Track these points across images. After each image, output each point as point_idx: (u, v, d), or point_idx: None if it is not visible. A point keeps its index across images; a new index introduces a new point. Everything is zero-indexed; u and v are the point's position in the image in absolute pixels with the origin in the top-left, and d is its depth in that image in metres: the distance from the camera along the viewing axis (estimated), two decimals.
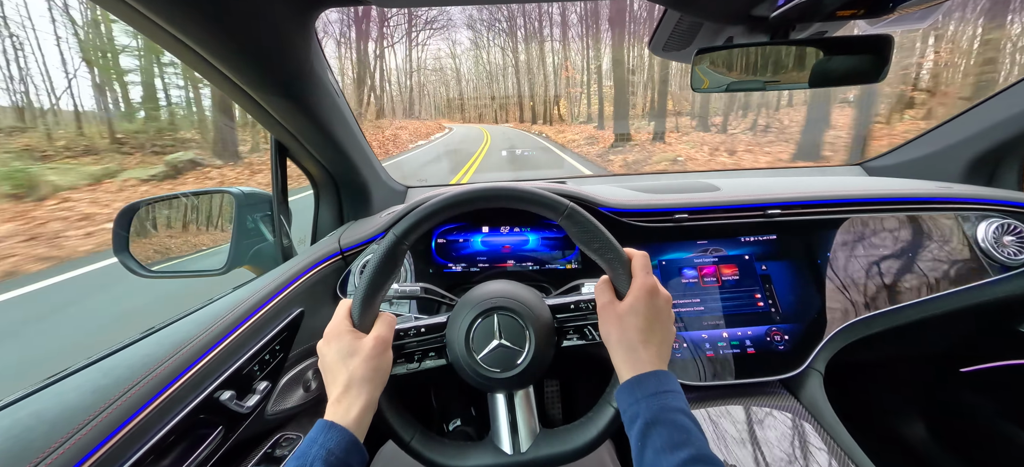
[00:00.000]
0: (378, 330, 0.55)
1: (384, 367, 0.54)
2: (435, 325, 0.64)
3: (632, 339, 0.52)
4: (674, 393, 0.48)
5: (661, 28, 0.72)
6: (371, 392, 0.51)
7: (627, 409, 0.49)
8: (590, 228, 0.57)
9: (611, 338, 0.54)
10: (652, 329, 0.52)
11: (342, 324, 0.56)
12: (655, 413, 0.46)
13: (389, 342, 0.56)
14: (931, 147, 1.37)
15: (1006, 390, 1.15)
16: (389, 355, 0.55)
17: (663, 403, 0.46)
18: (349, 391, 0.51)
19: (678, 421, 0.45)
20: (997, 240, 0.98)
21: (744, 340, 0.92)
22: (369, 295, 0.56)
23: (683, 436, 0.44)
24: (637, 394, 0.48)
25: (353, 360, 0.52)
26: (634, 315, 0.52)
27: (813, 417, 0.82)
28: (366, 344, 0.53)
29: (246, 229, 1.02)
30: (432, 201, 0.58)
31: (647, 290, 0.53)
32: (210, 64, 0.68)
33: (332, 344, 0.55)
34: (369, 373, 0.52)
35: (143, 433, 0.54)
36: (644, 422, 0.46)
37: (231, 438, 0.68)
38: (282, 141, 1.01)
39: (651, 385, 0.48)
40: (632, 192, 1.07)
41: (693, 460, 0.42)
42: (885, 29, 0.68)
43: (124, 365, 0.58)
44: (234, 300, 0.74)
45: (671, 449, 0.43)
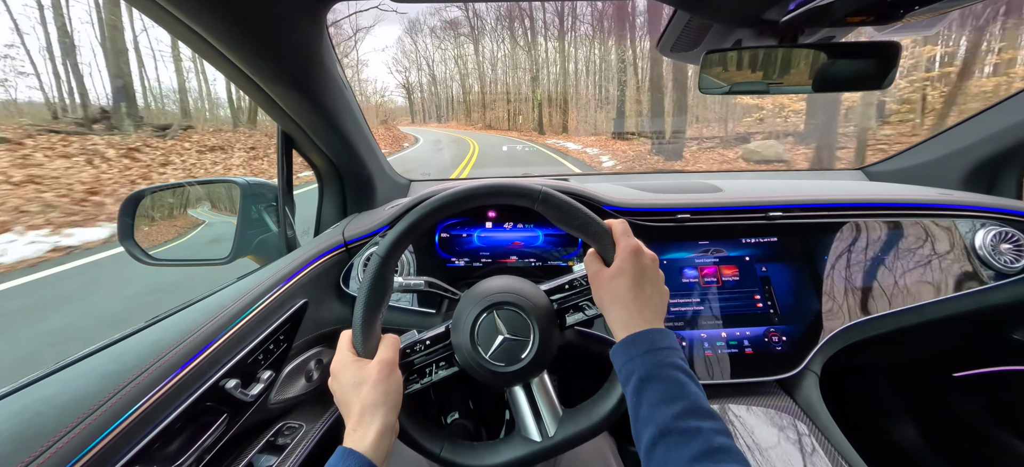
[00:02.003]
0: (382, 353, 0.56)
1: (394, 388, 0.54)
2: (439, 335, 0.65)
3: (624, 300, 0.53)
4: (668, 349, 0.49)
5: (670, 29, 0.72)
6: (385, 416, 0.51)
7: (622, 367, 0.50)
8: (566, 207, 0.58)
9: (604, 302, 0.56)
10: (641, 288, 0.54)
11: (346, 356, 0.56)
12: (649, 369, 0.47)
13: (395, 363, 0.56)
14: (932, 154, 1.37)
15: (997, 395, 1.17)
16: (397, 376, 0.55)
17: (657, 359, 0.48)
18: (363, 419, 0.51)
19: (672, 376, 0.46)
20: (994, 247, 0.99)
21: (742, 340, 0.93)
22: (367, 321, 0.57)
23: (677, 390, 0.45)
24: (632, 352, 0.50)
25: (362, 388, 0.52)
26: (622, 277, 0.54)
27: (808, 418, 0.83)
28: (371, 370, 0.54)
29: (251, 219, 1.02)
30: (409, 214, 0.58)
31: (631, 251, 0.55)
32: (220, 53, 0.68)
33: (340, 377, 0.55)
34: (379, 398, 0.52)
35: (150, 419, 0.54)
36: (639, 378, 0.47)
37: (235, 425, 0.69)
38: (289, 132, 1.01)
39: (644, 343, 0.50)
40: (635, 191, 1.08)
41: (687, 412, 0.43)
42: (892, 36, 0.69)
43: (132, 352, 0.58)
44: (239, 290, 0.75)
45: (666, 403, 0.44)
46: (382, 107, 58.08)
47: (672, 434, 0.42)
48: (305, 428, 0.85)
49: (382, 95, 57.62)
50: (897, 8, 0.56)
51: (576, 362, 1.06)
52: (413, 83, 55.82)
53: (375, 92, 57.71)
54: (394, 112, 58.19)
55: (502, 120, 36.91)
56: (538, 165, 13.58)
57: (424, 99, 55.87)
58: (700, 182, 1.20)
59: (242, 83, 0.78)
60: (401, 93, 59.53)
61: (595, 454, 0.80)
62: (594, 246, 0.59)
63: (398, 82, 58.68)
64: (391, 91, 59.82)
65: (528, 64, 38.18)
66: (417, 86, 55.68)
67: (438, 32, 47.18)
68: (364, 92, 51.87)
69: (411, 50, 53.63)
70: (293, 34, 0.70)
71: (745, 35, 0.70)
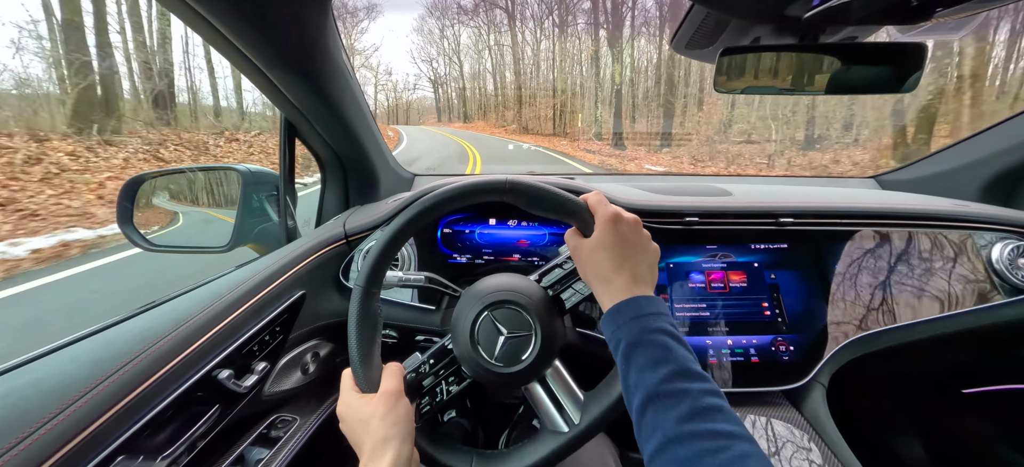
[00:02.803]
0: (385, 385, 0.54)
1: (403, 417, 0.52)
2: (441, 351, 0.63)
3: (605, 271, 0.53)
4: (653, 315, 0.48)
5: (686, 24, 0.70)
6: (396, 448, 0.50)
7: (610, 337, 0.50)
8: (534, 192, 0.57)
9: (587, 275, 0.56)
10: (623, 255, 0.53)
11: (349, 396, 0.55)
12: (635, 336, 0.47)
13: (400, 392, 0.54)
14: (948, 164, 1.34)
15: (1007, 414, 1.14)
16: (404, 404, 0.54)
17: (642, 326, 0.47)
18: (374, 455, 0.50)
19: (658, 340, 0.46)
20: (1012, 262, 0.97)
21: (749, 348, 0.90)
22: (363, 355, 0.56)
23: (663, 354, 0.45)
24: (618, 321, 0.49)
25: (370, 424, 0.51)
26: (602, 248, 0.54)
27: (815, 431, 0.81)
28: (377, 404, 0.52)
29: (251, 208, 1.01)
30: (381, 238, 0.57)
31: (609, 220, 0.54)
32: (223, 37, 0.67)
33: (347, 418, 0.54)
34: (388, 430, 0.50)
35: (140, 407, 0.53)
36: (626, 345, 0.47)
37: (227, 416, 0.68)
38: (292, 120, 0.99)
39: (630, 310, 0.49)
40: (642, 192, 1.06)
41: (674, 375, 0.43)
42: (917, 38, 0.66)
43: (122, 339, 0.57)
44: (236, 279, 0.73)
45: (652, 367, 0.44)
46: (410, 106, 54.88)
47: (660, 398, 0.42)
48: (299, 422, 0.84)
49: (411, 90, 54.53)
50: (926, 7, 0.54)
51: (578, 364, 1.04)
52: (442, 76, 51.08)
53: (402, 86, 54.61)
54: (423, 110, 55.08)
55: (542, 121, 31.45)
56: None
57: (448, 96, 51.37)
58: (709, 185, 1.17)
59: (245, 68, 0.76)
60: (426, 87, 56.44)
61: (596, 460, 0.78)
62: (573, 223, 0.58)
63: (422, 75, 54.90)
64: (418, 86, 56.83)
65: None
66: (445, 79, 50.75)
67: (464, 17, 43.41)
68: (393, 87, 49.63)
69: (435, 37, 49.25)
70: (298, 19, 0.69)
71: (764, 32, 0.67)
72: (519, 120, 33.37)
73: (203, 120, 12.91)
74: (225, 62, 0.75)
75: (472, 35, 42.90)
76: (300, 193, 1.09)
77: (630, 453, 0.91)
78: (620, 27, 27.15)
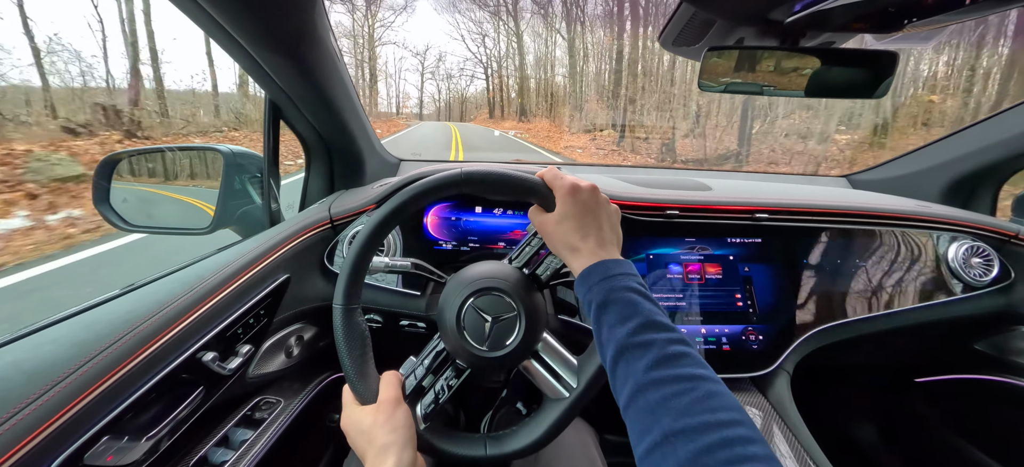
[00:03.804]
0: (383, 393, 0.55)
1: (403, 424, 0.53)
2: (433, 350, 0.64)
3: (571, 240, 0.55)
4: (621, 275, 0.51)
5: (674, 22, 0.72)
6: (396, 453, 0.51)
7: (583, 300, 0.53)
8: (490, 179, 0.58)
9: (556, 247, 0.58)
10: (586, 223, 0.55)
11: (351, 410, 0.56)
12: (604, 296, 0.49)
13: (398, 399, 0.55)
14: (914, 166, 1.41)
15: (954, 401, 1.22)
16: (403, 409, 0.55)
17: (610, 286, 0.50)
18: (376, 462, 0.50)
19: (626, 297, 0.48)
20: (965, 261, 1.03)
21: (721, 337, 0.95)
22: (357, 370, 0.56)
23: (631, 310, 0.47)
24: (588, 283, 0.52)
25: (371, 432, 0.52)
26: (565, 219, 0.56)
27: (778, 415, 0.86)
28: (376, 413, 0.53)
29: (233, 189, 0.99)
30: (352, 251, 0.58)
31: (568, 191, 0.56)
32: (209, 14, 0.65)
33: (351, 432, 0.55)
34: (388, 437, 0.51)
35: (123, 389, 0.53)
36: (596, 306, 0.49)
37: (211, 398, 0.68)
38: (277, 102, 0.97)
39: (598, 273, 0.51)
40: (626, 184, 1.08)
41: (640, 327, 0.45)
42: (890, 46, 0.69)
43: (105, 320, 0.56)
44: (220, 261, 0.73)
45: (621, 322, 0.46)
46: (466, 100, 47.75)
47: (628, 349, 0.44)
48: (283, 403, 0.84)
49: (461, 76, 47.67)
50: (899, 17, 0.56)
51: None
52: (497, 55, 42.79)
53: (456, 73, 47.73)
54: (481, 105, 47.71)
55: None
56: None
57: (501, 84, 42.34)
58: (689, 179, 1.21)
59: (229, 46, 0.74)
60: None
61: (577, 443, 0.81)
62: (534, 201, 0.60)
63: (473, 58, 47.46)
64: (466, 71, 50.27)
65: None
66: (499, 60, 42.36)
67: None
68: (446, 75, 42.78)
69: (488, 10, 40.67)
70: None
71: (748, 34, 0.70)
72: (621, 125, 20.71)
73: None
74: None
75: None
76: (283, 181, 1.07)
77: (608, 436, 0.95)
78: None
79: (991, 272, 1.02)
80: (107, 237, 4.94)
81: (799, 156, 12.56)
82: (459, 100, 53.98)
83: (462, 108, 52.77)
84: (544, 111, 34.80)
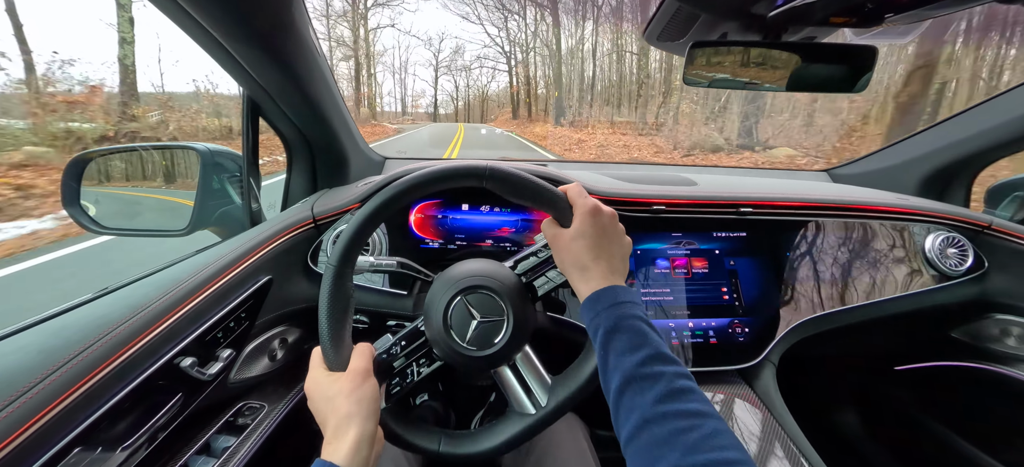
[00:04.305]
0: (353, 363, 0.55)
1: (368, 396, 0.53)
2: (413, 333, 0.63)
3: (583, 260, 0.55)
4: (629, 303, 0.51)
5: (659, 16, 0.72)
6: (359, 425, 0.50)
7: (589, 324, 0.52)
8: (514, 180, 0.57)
9: (565, 264, 0.57)
10: (600, 246, 0.55)
11: (318, 372, 0.55)
12: (614, 322, 0.49)
13: (368, 372, 0.55)
14: (892, 160, 1.44)
15: (930, 388, 1.26)
16: (372, 384, 0.54)
17: (620, 313, 0.50)
18: (337, 431, 0.50)
19: (635, 326, 0.48)
20: (941, 251, 1.06)
21: (708, 330, 0.96)
22: (333, 333, 0.55)
23: (640, 339, 0.47)
24: (597, 308, 0.51)
25: (335, 401, 0.51)
26: (581, 237, 0.55)
27: (765, 405, 0.88)
28: (344, 381, 0.53)
29: (212, 189, 0.96)
30: (357, 215, 0.56)
31: (589, 211, 0.56)
32: (177, 5, 0.62)
33: (314, 395, 0.54)
34: (353, 407, 0.51)
35: (95, 398, 0.51)
36: (605, 331, 0.49)
37: (191, 405, 0.66)
38: (255, 98, 0.94)
39: (608, 298, 0.51)
40: (612, 180, 1.08)
41: (651, 358, 0.45)
42: (870, 41, 0.71)
43: (75, 326, 0.54)
44: (197, 263, 0.71)
45: (631, 351, 0.46)
46: (487, 98, 40.61)
47: (636, 380, 0.44)
48: (267, 408, 0.82)
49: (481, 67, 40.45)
50: (879, 12, 0.57)
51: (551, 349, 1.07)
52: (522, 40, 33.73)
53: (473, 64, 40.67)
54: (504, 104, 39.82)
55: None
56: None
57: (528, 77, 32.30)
58: (675, 175, 1.22)
59: (203, 40, 0.72)
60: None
61: (569, 438, 0.81)
62: (551, 213, 0.59)
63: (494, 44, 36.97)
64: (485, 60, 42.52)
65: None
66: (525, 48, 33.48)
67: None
68: (465, 70, 35.79)
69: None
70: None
71: (731, 29, 0.70)
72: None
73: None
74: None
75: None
76: (265, 182, 1.05)
77: (599, 431, 0.96)
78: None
79: (966, 262, 1.05)
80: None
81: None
82: (480, 98, 46.94)
83: (483, 107, 45.76)
84: (593, 111, 25.09)
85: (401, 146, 18.50)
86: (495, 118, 39.81)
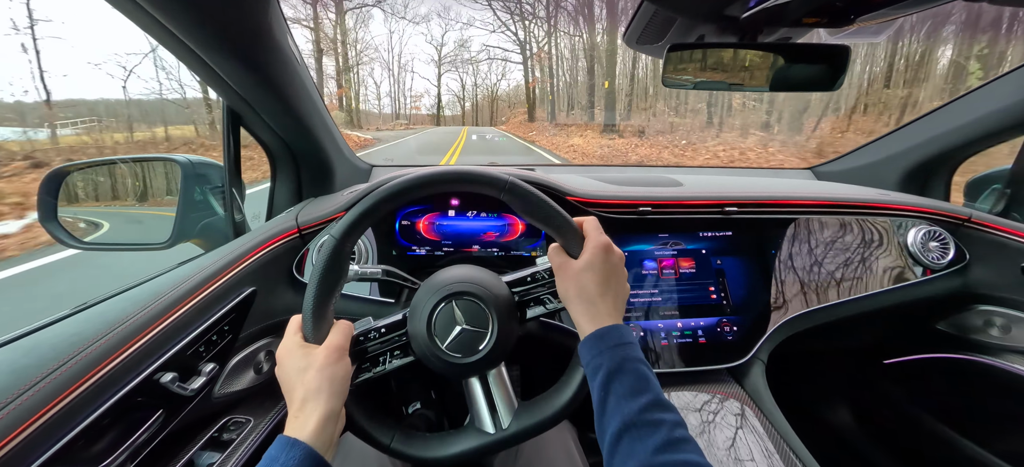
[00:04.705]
0: (332, 339, 0.54)
1: (341, 375, 0.52)
2: (395, 323, 0.63)
3: (591, 294, 0.54)
4: (632, 345, 0.51)
5: (637, 20, 0.73)
6: (328, 402, 0.49)
7: (590, 361, 0.51)
8: (532, 199, 0.57)
9: (570, 295, 0.56)
10: (608, 284, 0.55)
11: (293, 341, 0.54)
12: (617, 363, 0.49)
13: (344, 350, 0.54)
14: (874, 156, 1.47)
15: (918, 381, 1.28)
16: (345, 363, 0.54)
17: (624, 354, 0.49)
18: (305, 405, 0.49)
19: (639, 370, 0.48)
20: (924, 245, 1.08)
21: (697, 330, 0.96)
22: (318, 306, 0.54)
23: (642, 384, 0.47)
24: (600, 346, 0.51)
25: (306, 373, 0.51)
26: (591, 271, 0.55)
27: (754, 403, 0.88)
28: (318, 355, 0.52)
29: (194, 201, 0.95)
30: (371, 195, 0.56)
31: (602, 247, 0.56)
32: (154, 18, 0.62)
33: (285, 362, 0.53)
34: (324, 383, 0.50)
35: (70, 418, 0.50)
36: (607, 372, 0.48)
37: (173, 421, 0.64)
38: (235, 108, 0.93)
39: (613, 337, 0.51)
40: (599, 183, 1.09)
41: (652, 405, 0.45)
42: (844, 40, 0.72)
43: (48, 344, 0.53)
44: (178, 276, 0.70)
45: (633, 395, 0.46)
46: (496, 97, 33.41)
47: (637, 426, 0.44)
48: (252, 423, 0.81)
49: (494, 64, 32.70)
50: (848, 12, 0.58)
51: (539, 352, 1.06)
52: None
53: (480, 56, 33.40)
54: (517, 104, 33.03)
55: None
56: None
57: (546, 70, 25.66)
58: (662, 176, 1.22)
59: (179, 52, 0.71)
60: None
61: (557, 441, 0.81)
62: (558, 239, 0.59)
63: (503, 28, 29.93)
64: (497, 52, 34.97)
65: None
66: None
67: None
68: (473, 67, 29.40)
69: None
70: (236, 1, 0.65)
71: (708, 31, 0.71)
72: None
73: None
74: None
75: None
76: (250, 190, 1.04)
77: (589, 434, 0.95)
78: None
79: (948, 255, 1.07)
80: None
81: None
82: (489, 98, 39.10)
83: (493, 108, 38.24)
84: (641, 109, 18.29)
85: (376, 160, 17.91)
86: (506, 121, 35.03)
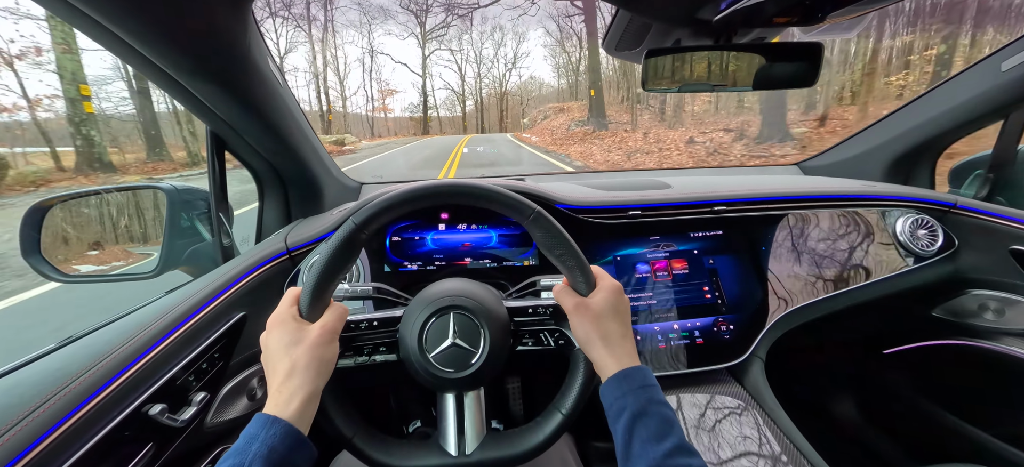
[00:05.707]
0: (326, 319, 0.53)
1: (328, 358, 0.52)
2: (389, 319, 0.62)
3: (612, 336, 0.54)
4: (655, 387, 0.51)
5: (614, 27, 0.74)
6: (314, 382, 0.49)
7: (614, 403, 0.51)
8: (555, 233, 0.57)
9: (592, 337, 0.55)
10: (626, 325, 0.56)
11: (287, 312, 0.53)
12: (642, 406, 0.48)
13: (337, 333, 0.54)
14: (859, 148, 1.48)
15: (919, 368, 1.28)
16: (335, 346, 0.53)
17: (649, 396, 0.49)
18: (290, 380, 0.48)
19: (663, 413, 0.48)
20: (912, 233, 1.09)
21: (693, 331, 0.96)
22: (320, 285, 0.53)
23: (667, 428, 0.47)
24: (624, 387, 0.50)
25: (296, 348, 0.50)
26: (612, 311, 0.55)
27: (755, 402, 0.87)
28: (311, 332, 0.51)
29: (180, 228, 0.94)
30: (396, 192, 0.55)
31: (616, 289, 0.57)
32: (132, 48, 0.62)
33: (274, 332, 0.52)
34: (313, 362, 0.49)
35: (53, 457, 0.48)
36: (631, 415, 0.48)
37: (164, 454, 0.63)
38: (218, 132, 0.93)
39: (637, 379, 0.51)
40: (588, 189, 1.09)
41: (677, 450, 0.45)
42: (818, 37, 0.73)
43: (30, 381, 0.52)
44: (165, 305, 0.69)
45: (657, 440, 0.45)
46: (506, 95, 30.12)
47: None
48: None
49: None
50: (816, 10, 0.60)
51: (540, 364, 1.06)
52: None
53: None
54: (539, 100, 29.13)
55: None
56: None
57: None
58: (650, 179, 1.23)
59: (158, 79, 0.71)
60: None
61: (553, 451, 0.80)
62: (568, 277, 0.59)
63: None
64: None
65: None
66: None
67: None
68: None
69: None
70: (212, 28, 0.65)
71: (683, 35, 0.72)
72: None
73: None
74: None
75: None
76: (236, 212, 1.03)
77: (590, 441, 0.94)
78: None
79: (937, 242, 1.08)
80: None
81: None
82: (498, 95, 31.17)
83: (502, 106, 30.25)
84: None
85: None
86: (532, 126, 25.34)
